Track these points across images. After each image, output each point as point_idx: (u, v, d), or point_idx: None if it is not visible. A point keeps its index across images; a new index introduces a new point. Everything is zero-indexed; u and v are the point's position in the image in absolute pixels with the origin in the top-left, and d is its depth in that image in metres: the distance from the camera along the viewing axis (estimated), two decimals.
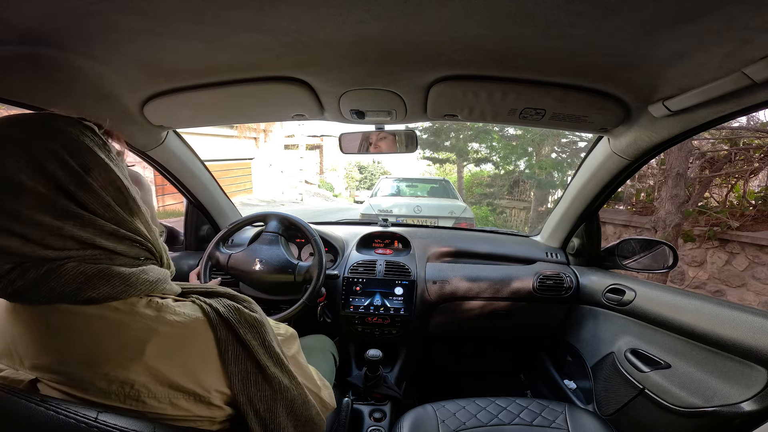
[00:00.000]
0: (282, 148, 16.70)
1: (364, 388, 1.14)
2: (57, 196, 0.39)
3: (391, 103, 0.88)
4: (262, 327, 0.48)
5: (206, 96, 0.83)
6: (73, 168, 0.40)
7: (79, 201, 0.41)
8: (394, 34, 0.59)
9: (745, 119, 3.70)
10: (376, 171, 23.42)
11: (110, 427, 0.35)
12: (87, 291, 0.39)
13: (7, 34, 0.55)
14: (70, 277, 0.39)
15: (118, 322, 0.40)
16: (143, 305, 0.42)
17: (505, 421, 0.94)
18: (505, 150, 7.92)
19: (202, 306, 0.45)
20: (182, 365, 0.41)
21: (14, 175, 0.38)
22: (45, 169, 0.39)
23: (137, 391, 0.39)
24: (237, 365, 0.44)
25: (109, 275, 0.41)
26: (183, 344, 0.42)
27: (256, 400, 0.45)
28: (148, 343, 0.40)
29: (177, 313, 0.43)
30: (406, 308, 1.28)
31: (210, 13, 0.52)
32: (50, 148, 0.40)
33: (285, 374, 0.49)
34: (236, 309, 0.47)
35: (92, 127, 0.46)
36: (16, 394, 0.35)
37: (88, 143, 0.43)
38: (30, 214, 0.38)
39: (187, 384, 0.41)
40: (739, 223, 3.26)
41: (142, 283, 0.43)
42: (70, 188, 0.40)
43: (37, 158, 0.39)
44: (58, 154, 0.40)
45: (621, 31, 0.54)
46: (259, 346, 0.46)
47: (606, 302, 1.17)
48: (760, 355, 0.72)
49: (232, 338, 0.44)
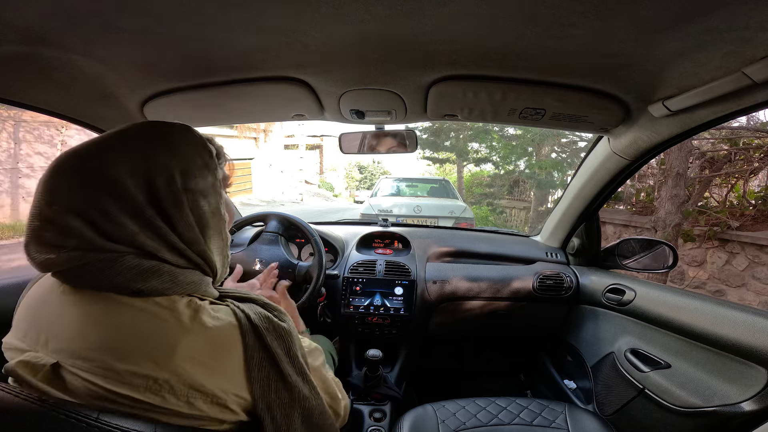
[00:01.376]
0: (282, 148, 16.70)
1: (364, 388, 1.14)
2: (148, 205, 0.42)
3: (391, 103, 0.88)
4: (289, 336, 0.49)
5: (206, 96, 0.83)
6: (176, 185, 0.43)
7: (166, 214, 0.43)
8: (394, 34, 0.59)
9: (745, 119, 3.70)
10: (376, 171, 23.42)
11: (111, 427, 0.35)
12: (138, 283, 0.41)
13: (7, 34, 0.55)
14: (126, 267, 0.41)
15: (159, 317, 0.41)
16: (183, 304, 0.43)
17: (505, 421, 0.94)
18: (505, 150, 7.93)
19: (235, 311, 0.46)
20: (209, 367, 0.41)
21: (122, 178, 0.41)
22: (151, 181, 0.42)
23: (159, 386, 0.39)
24: (260, 372, 0.45)
25: (160, 271, 0.42)
26: (213, 347, 0.42)
27: (274, 407, 0.45)
28: (181, 342, 0.40)
29: (212, 316, 0.44)
30: (406, 308, 1.28)
31: (210, 13, 0.52)
32: (166, 163, 0.43)
33: (306, 384, 0.49)
34: (267, 317, 0.47)
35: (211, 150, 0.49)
36: (16, 394, 0.35)
37: (200, 166, 0.47)
38: (117, 215, 0.40)
39: (209, 386, 0.41)
40: (739, 223, 3.26)
41: (188, 283, 0.45)
42: (164, 202, 0.43)
43: (149, 169, 0.42)
44: (170, 171, 0.43)
45: (621, 31, 0.54)
46: (284, 355, 0.47)
47: (606, 302, 1.17)
48: (760, 355, 0.72)
49: (258, 345, 0.45)
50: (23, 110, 0.88)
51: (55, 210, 0.40)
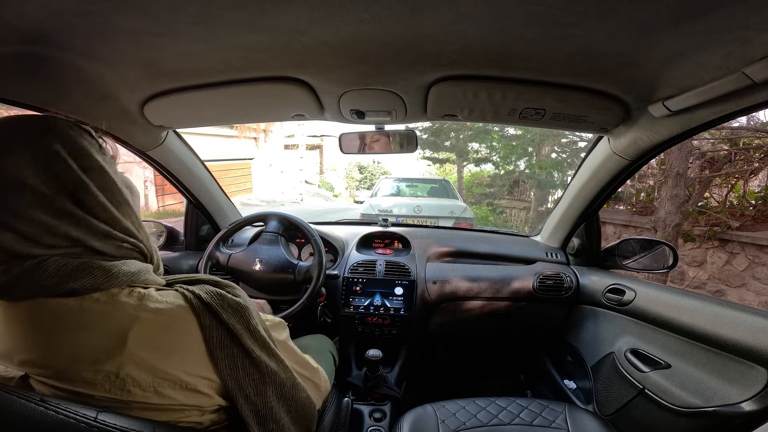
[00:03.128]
0: (282, 148, 16.70)
1: (364, 388, 1.14)
2: (56, 194, 0.40)
3: (391, 103, 0.88)
4: (246, 311, 0.48)
5: (206, 96, 0.83)
6: (73, 168, 0.42)
7: (77, 200, 0.42)
8: (394, 34, 0.59)
9: (745, 119, 3.70)
10: (376, 171, 23.41)
11: (110, 426, 0.35)
12: (69, 283, 0.40)
13: (7, 34, 0.55)
14: (53, 270, 0.39)
15: (100, 313, 0.40)
16: (125, 295, 0.42)
17: (505, 421, 0.94)
18: (505, 150, 7.92)
19: (184, 293, 0.45)
20: (166, 352, 0.41)
21: (17, 173, 0.39)
22: (47, 168, 0.40)
23: (122, 381, 0.39)
24: (223, 350, 0.44)
25: (90, 267, 0.41)
26: (166, 331, 0.42)
27: (245, 385, 0.45)
28: (130, 331, 0.40)
29: (159, 300, 0.43)
30: (406, 308, 1.28)
31: (210, 13, 0.52)
32: (53, 148, 0.41)
33: (272, 358, 0.49)
34: (219, 294, 0.47)
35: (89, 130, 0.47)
36: (15, 394, 0.35)
37: (86, 145, 0.44)
38: (29, 211, 0.39)
39: (172, 370, 0.41)
40: (739, 223, 3.26)
41: (123, 274, 0.43)
42: (69, 187, 0.41)
43: (40, 157, 0.40)
44: (60, 155, 0.41)
45: (621, 31, 0.54)
46: (244, 330, 0.47)
47: (606, 302, 1.17)
48: (760, 355, 0.72)
49: (216, 323, 0.45)
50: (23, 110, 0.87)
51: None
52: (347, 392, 1.15)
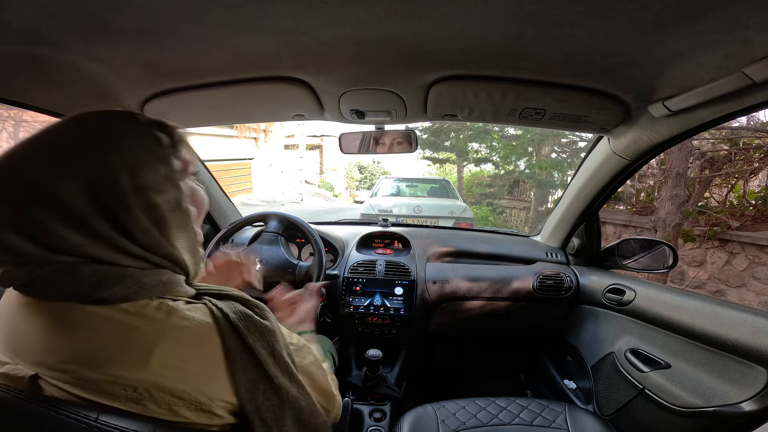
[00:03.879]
0: (282, 148, 16.70)
1: (364, 388, 1.14)
2: (91, 213, 0.37)
3: (391, 103, 0.88)
4: (273, 335, 0.47)
5: (206, 96, 0.83)
6: (120, 187, 0.38)
7: (116, 221, 0.38)
8: (394, 34, 0.59)
9: (745, 119, 3.70)
10: (376, 171, 23.41)
11: (111, 427, 0.35)
12: (99, 291, 0.38)
13: (7, 34, 0.55)
14: (85, 275, 0.38)
15: (127, 325, 0.39)
16: (153, 308, 0.40)
17: (505, 421, 0.94)
18: (505, 150, 7.92)
19: (212, 309, 0.44)
20: (187, 372, 0.40)
21: (55, 186, 0.36)
22: (91, 185, 0.37)
23: (139, 395, 0.38)
24: (245, 374, 0.43)
25: (122, 276, 0.39)
26: (190, 351, 0.40)
27: (263, 410, 0.44)
28: (156, 348, 0.39)
29: (187, 317, 0.41)
30: (406, 308, 1.28)
31: (210, 13, 0.52)
32: (106, 161, 0.38)
33: (294, 384, 0.48)
34: (247, 316, 0.45)
35: (160, 137, 0.43)
36: (16, 395, 0.35)
37: (148, 158, 0.40)
38: (56, 227, 0.36)
39: (191, 391, 0.40)
40: (739, 223, 3.26)
41: (155, 285, 0.41)
42: (109, 206, 0.38)
43: (87, 171, 0.37)
44: (112, 169, 0.38)
45: (621, 31, 0.54)
46: (269, 355, 0.45)
47: (606, 302, 1.17)
48: (760, 355, 0.72)
49: (240, 347, 0.43)
50: (23, 110, 0.88)
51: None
52: (347, 392, 1.15)
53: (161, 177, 0.41)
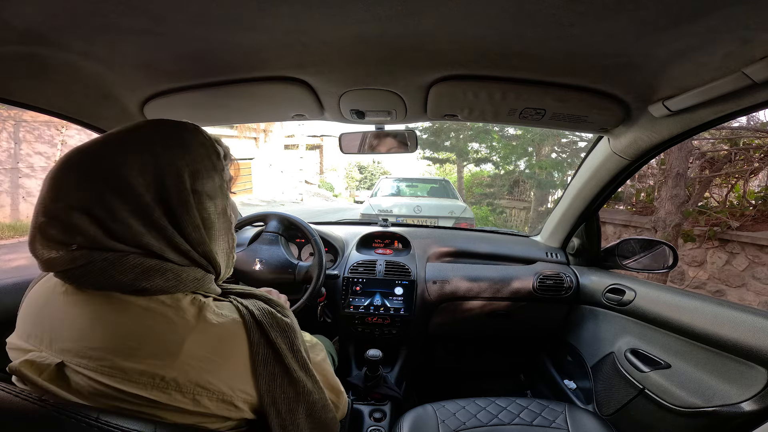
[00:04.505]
0: (282, 148, 16.70)
1: (364, 388, 1.14)
2: (156, 206, 0.42)
3: (391, 103, 0.88)
4: (293, 332, 0.50)
5: (206, 96, 0.83)
6: (185, 186, 0.44)
7: (173, 216, 0.43)
8: (394, 34, 0.59)
9: (745, 119, 3.70)
10: (376, 171, 23.41)
11: (111, 427, 0.35)
12: (142, 281, 0.41)
13: (7, 34, 0.55)
14: (130, 266, 0.40)
15: (164, 316, 0.41)
16: (188, 302, 0.43)
17: (505, 421, 0.94)
18: (505, 150, 7.92)
19: (238, 307, 0.46)
20: (215, 364, 0.42)
21: (131, 177, 0.41)
22: (160, 181, 0.42)
23: (166, 384, 0.39)
24: (266, 367, 0.45)
25: (163, 269, 0.42)
26: (219, 343, 0.43)
27: (280, 402, 0.46)
28: (187, 340, 0.40)
29: (217, 313, 0.44)
30: (406, 308, 1.28)
31: (210, 13, 0.52)
32: (176, 163, 0.44)
33: (309, 378, 0.50)
34: (270, 313, 0.48)
35: (219, 151, 0.50)
36: (17, 394, 0.35)
37: (209, 167, 0.47)
38: (124, 214, 0.41)
39: (216, 382, 0.41)
40: (739, 223, 3.26)
41: (191, 281, 0.45)
42: (172, 203, 0.43)
43: (159, 169, 0.42)
44: (179, 171, 0.44)
45: (621, 31, 0.54)
46: (288, 351, 0.48)
47: (606, 302, 1.17)
48: (760, 355, 0.72)
49: (263, 341, 0.46)
50: (23, 110, 0.88)
51: (60, 206, 0.40)
52: (347, 392, 1.15)
53: (216, 184, 0.48)
